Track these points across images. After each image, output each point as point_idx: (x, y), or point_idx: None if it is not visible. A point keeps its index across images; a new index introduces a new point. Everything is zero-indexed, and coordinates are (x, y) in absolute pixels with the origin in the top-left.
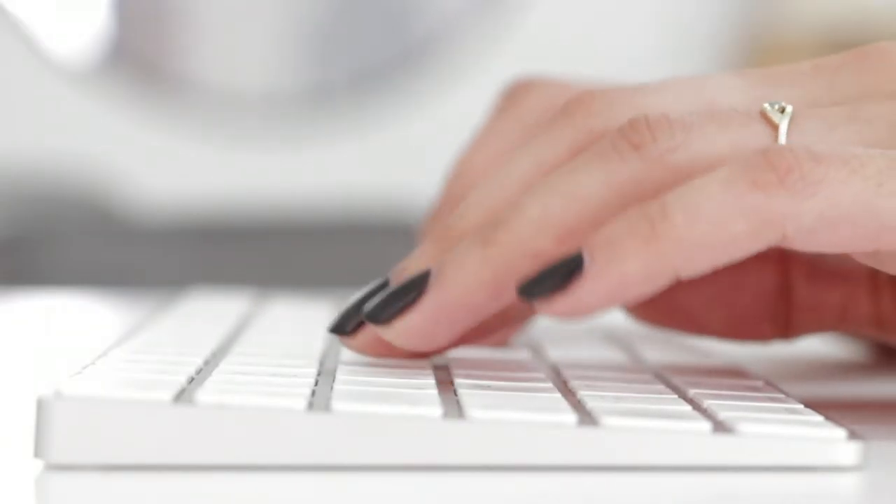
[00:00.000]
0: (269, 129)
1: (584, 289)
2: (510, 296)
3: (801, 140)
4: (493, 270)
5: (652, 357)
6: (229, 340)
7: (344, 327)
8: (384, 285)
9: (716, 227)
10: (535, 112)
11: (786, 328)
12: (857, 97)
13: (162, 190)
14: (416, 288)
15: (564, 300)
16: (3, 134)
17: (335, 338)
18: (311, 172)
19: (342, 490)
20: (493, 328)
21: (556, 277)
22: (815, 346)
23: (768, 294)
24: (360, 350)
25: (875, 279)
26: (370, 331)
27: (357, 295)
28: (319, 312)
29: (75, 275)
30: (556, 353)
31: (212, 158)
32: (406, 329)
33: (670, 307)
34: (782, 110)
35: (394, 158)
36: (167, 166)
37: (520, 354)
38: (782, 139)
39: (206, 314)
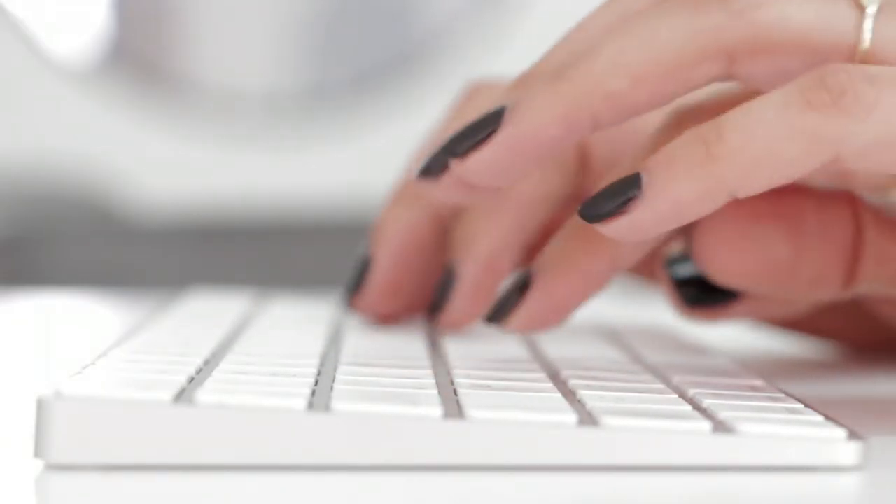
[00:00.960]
0: (269, 129)
1: (641, 209)
2: (582, 133)
3: (885, 31)
4: (566, 106)
5: (652, 357)
6: (229, 340)
7: (455, 149)
8: (498, 114)
9: (770, 147)
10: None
11: (850, 277)
12: None
13: (162, 190)
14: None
15: (623, 221)
16: (3, 134)
17: (335, 338)
18: (311, 172)
19: (342, 490)
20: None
21: (614, 199)
22: (816, 346)
23: (847, 242)
24: (444, 196)
25: None
26: (482, 157)
27: (467, 123)
28: (319, 312)
29: (75, 275)
30: (556, 353)
31: (212, 158)
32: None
33: (767, 260)
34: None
35: (393, 158)
36: (167, 166)
37: (520, 354)
38: (868, 26)
39: (206, 314)
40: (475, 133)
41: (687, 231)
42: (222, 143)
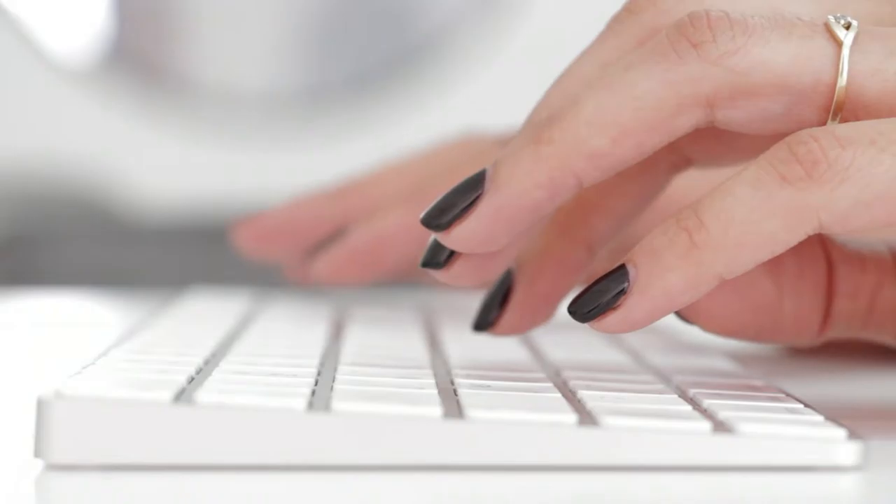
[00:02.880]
0: (268, 129)
1: (632, 305)
2: (567, 194)
3: (862, 64)
4: (549, 170)
5: (652, 357)
6: (229, 340)
7: (440, 220)
8: (478, 180)
9: (751, 229)
10: (453, 157)
11: (824, 321)
12: None
13: (162, 190)
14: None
15: (615, 318)
16: (3, 134)
17: (335, 338)
18: (311, 172)
19: (342, 490)
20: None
21: (603, 295)
22: (815, 346)
23: (821, 278)
24: (457, 246)
25: None
26: (466, 227)
27: (449, 191)
28: (319, 312)
29: (75, 275)
30: (556, 354)
31: (212, 158)
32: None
33: (752, 304)
34: (848, 26)
35: None
36: (167, 166)
37: (520, 354)
38: (845, 60)
39: (206, 314)
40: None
41: None
42: (222, 143)
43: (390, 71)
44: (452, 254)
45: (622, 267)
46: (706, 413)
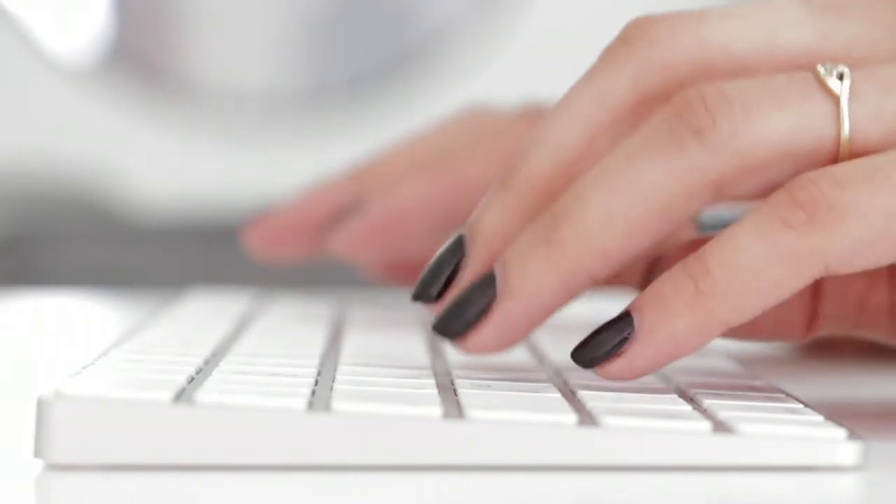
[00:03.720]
0: (268, 129)
1: (636, 352)
2: (580, 291)
3: (861, 111)
4: (561, 273)
5: None
6: (229, 340)
7: (429, 292)
8: (458, 243)
9: (756, 275)
10: (456, 136)
11: (810, 321)
12: None
13: (162, 190)
14: (482, 296)
15: (619, 362)
16: (3, 134)
17: (335, 338)
18: (311, 172)
19: (342, 490)
20: None
21: (608, 342)
22: (815, 346)
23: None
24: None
25: (893, 269)
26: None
27: (433, 259)
28: (319, 312)
29: (75, 275)
30: (556, 354)
31: (212, 158)
32: (481, 342)
33: None
34: (840, 76)
35: None
36: (167, 166)
37: (520, 355)
38: (845, 113)
39: (206, 314)
40: (467, 309)
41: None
42: (222, 143)
43: (390, 71)
44: (445, 288)
45: (627, 314)
46: (706, 413)
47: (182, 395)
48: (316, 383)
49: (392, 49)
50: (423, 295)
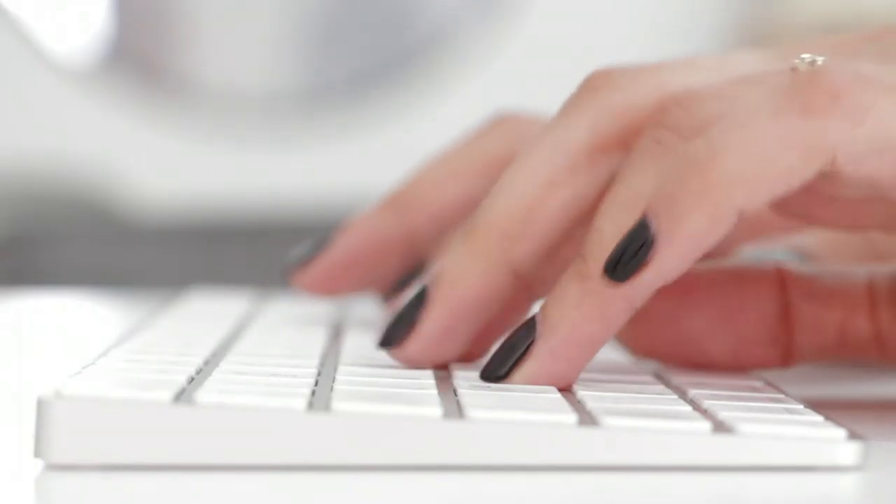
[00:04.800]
0: (268, 128)
1: (661, 256)
2: (625, 317)
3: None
4: (599, 304)
5: None
6: (229, 340)
7: (392, 339)
8: (422, 292)
9: (770, 161)
10: (500, 144)
11: (788, 353)
12: None
13: (162, 190)
14: (525, 338)
15: (649, 274)
16: (3, 134)
17: (335, 338)
18: (311, 172)
19: (342, 490)
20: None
21: (634, 257)
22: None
23: (769, 315)
24: (413, 361)
25: (874, 298)
26: (420, 339)
27: (398, 307)
28: (319, 312)
29: (75, 275)
30: None
31: (211, 158)
32: (529, 378)
33: (674, 337)
34: (813, 63)
35: (393, 159)
36: (167, 166)
37: None
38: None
39: (206, 314)
40: (509, 356)
41: None
42: (222, 143)
43: (390, 71)
44: (409, 332)
45: (643, 221)
46: (706, 413)
47: (182, 395)
48: (316, 383)
49: (392, 49)
50: (386, 342)
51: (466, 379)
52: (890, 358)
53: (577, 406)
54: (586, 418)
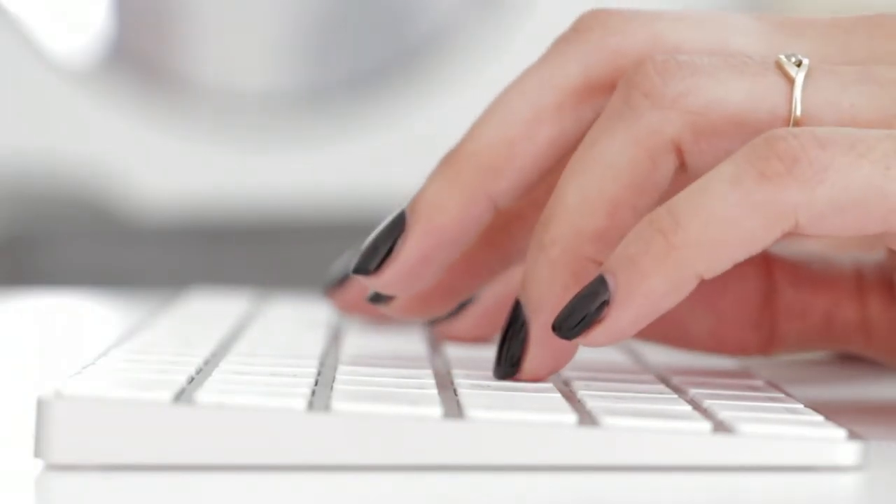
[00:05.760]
0: (268, 128)
1: (615, 316)
2: (591, 275)
3: (816, 98)
4: (567, 269)
5: (652, 357)
6: (229, 340)
7: (367, 266)
8: (399, 218)
9: (730, 227)
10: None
11: (770, 338)
12: (869, 59)
13: (162, 190)
14: (519, 324)
15: (601, 331)
16: (3, 134)
17: (335, 338)
18: (311, 172)
19: (342, 490)
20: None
21: (586, 312)
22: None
23: (752, 298)
24: (388, 288)
25: (861, 284)
26: (396, 266)
27: (373, 233)
28: (319, 312)
29: (75, 275)
30: None
31: (211, 158)
32: (534, 365)
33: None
34: (798, 63)
35: (393, 158)
36: (167, 166)
37: None
38: (798, 94)
39: (206, 314)
40: (512, 339)
41: None
42: (222, 143)
43: (390, 71)
44: (384, 260)
45: (600, 278)
46: (706, 413)
47: (182, 395)
48: (316, 383)
49: (392, 49)
50: (361, 268)
51: (466, 379)
52: (875, 347)
53: (577, 406)
54: (586, 418)
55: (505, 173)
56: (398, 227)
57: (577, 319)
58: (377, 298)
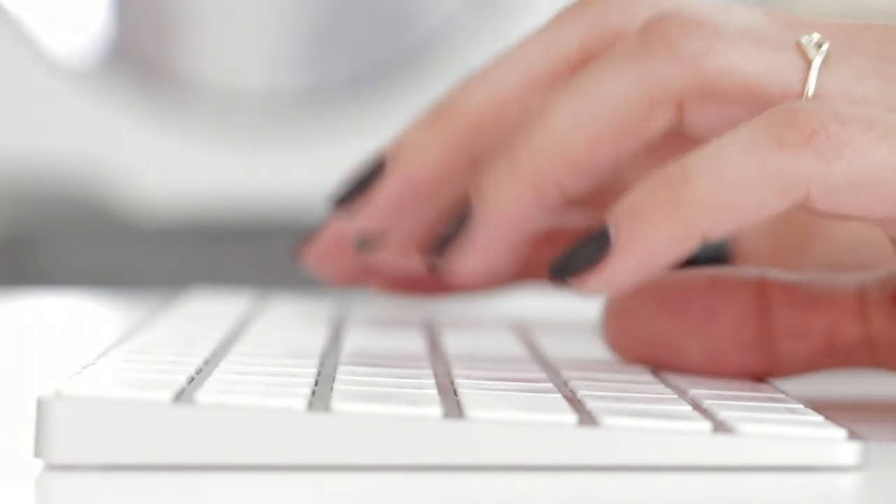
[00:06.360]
0: (269, 129)
1: (614, 264)
2: (554, 205)
3: (830, 83)
4: (532, 186)
5: None
6: (229, 340)
7: (343, 198)
8: (379, 161)
9: (741, 191)
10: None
11: (771, 361)
12: (878, 61)
13: (162, 190)
14: (462, 227)
15: (597, 277)
16: (3, 134)
17: (335, 338)
18: (311, 172)
19: (342, 490)
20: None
21: (585, 256)
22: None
23: (746, 320)
24: (359, 226)
25: (862, 300)
26: (369, 207)
27: (355, 172)
28: (319, 312)
29: (75, 275)
30: (556, 353)
31: (212, 158)
32: (466, 267)
33: (647, 337)
34: (819, 46)
35: None
36: (167, 166)
37: (520, 354)
38: (813, 76)
39: (206, 314)
40: (454, 235)
41: None
42: (222, 142)
43: (390, 71)
44: (357, 197)
45: (604, 226)
46: (706, 413)
47: (182, 395)
48: (316, 383)
49: (392, 49)
50: (339, 204)
51: (467, 379)
52: (881, 362)
53: (577, 406)
54: (586, 418)
55: (490, 133)
56: (378, 168)
57: (575, 265)
58: (363, 245)
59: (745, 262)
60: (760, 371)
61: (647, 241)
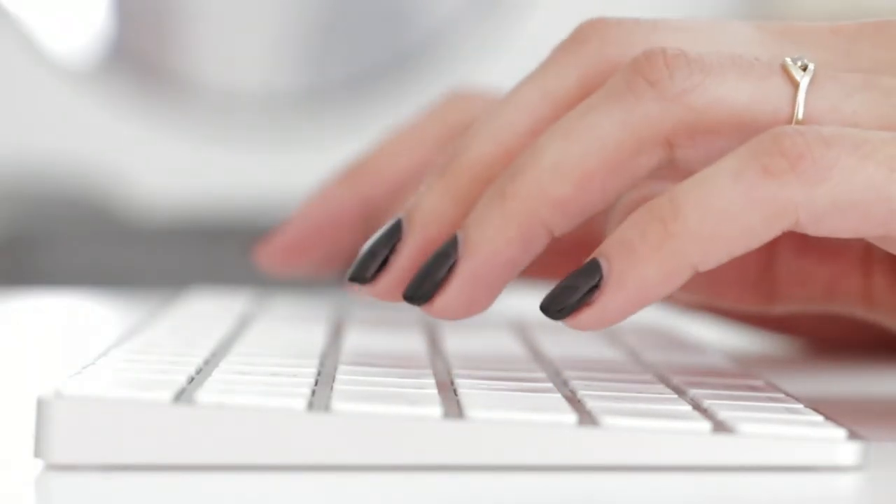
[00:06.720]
0: (268, 129)
1: (606, 300)
2: (539, 246)
3: (819, 103)
4: (518, 225)
5: (652, 357)
6: (229, 340)
7: (364, 274)
8: (396, 227)
9: (730, 221)
10: (456, 115)
11: (770, 299)
12: (872, 68)
13: (162, 190)
14: (445, 260)
15: (588, 315)
16: (3, 134)
17: (335, 338)
18: (311, 172)
19: (342, 490)
20: None
21: (576, 293)
22: (813, 346)
23: (752, 259)
24: (383, 297)
25: (868, 256)
26: (390, 275)
27: (370, 242)
28: (319, 312)
29: (75, 275)
30: (556, 353)
31: (211, 158)
32: (447, 303)
33: None
34: (804, 68)
35: None
36: (167, 166)
37: (520, 354)
38: (801, 98)
39: (206, 314)
40: (432, 274)
41: None
42: (222, 143)
43: (390, 71)
44: (380, 269)
45: (594, 261)
46: (706, 413)
47: (182, 395)
48: (316, 383)
49: (392, 49)
50: (358, 277)
51: (467, 379)
52: (878, 313)
53: (577, 406)
54: (586, 418)
55: None
56: (394, 235)
57: (566, 301)
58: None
59: None
60: (757, 304)
61: (639, 276)
